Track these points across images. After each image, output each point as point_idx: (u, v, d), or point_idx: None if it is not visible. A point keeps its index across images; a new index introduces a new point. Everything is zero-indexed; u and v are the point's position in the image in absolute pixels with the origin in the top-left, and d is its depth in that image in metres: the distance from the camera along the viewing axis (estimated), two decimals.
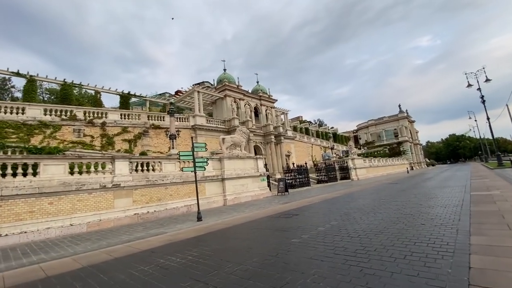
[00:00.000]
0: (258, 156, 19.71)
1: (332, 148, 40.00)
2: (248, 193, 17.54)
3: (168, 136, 21.07)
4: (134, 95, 28.85)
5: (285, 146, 36.46)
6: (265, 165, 21.25)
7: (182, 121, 26.38)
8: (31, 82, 21.06)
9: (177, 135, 19.55)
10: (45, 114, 17.71)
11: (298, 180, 24.02)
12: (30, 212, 9.04)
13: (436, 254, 4.02)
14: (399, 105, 74.07)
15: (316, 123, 77.59)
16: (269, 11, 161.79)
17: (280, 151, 34.63)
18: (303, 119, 75.42)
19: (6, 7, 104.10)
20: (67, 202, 10.02)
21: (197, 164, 10.93)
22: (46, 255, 6.42)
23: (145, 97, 30.32)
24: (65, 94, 22.80)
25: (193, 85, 28.52)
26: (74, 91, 27.90)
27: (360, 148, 65.11)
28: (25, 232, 8.73)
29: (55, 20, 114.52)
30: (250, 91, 36.13)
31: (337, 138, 65.51)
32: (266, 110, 36.38)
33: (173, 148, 19.10)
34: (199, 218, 10.18)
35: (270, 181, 21.39)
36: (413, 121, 79.75)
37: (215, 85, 34.21)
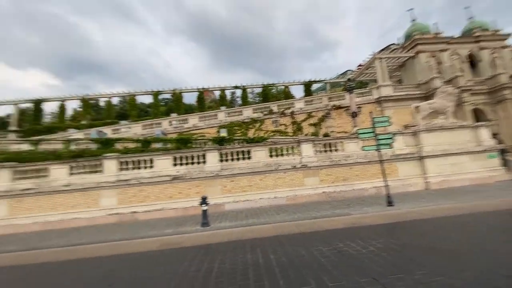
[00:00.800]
0: (479, 123, 13.87)
1: None
2: (464, 176, 12.94)
3: (349, 114, 20.33)
4: (315, 81, 30.62)
5: None
6: (496, 135, 14.56)
7: (364, 95, 24.32)
8: (244, 91, 28.56)
9: (358, 112, 18.33)
10: (253, 113, 23.38)
11: None
12: (249, 186, 12.32)
13: None
14: None
15: None
16: None
17: None
18: None
19: (225, 40, 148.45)
20: (270, 179, 12.56)
21: (380, 142, 9.53)
22: (257, 220, 8.42)
23: (325, 80, 31.21)
24: (265, 94, 28.73)
25: (373, 52, 25.31)
26: (272, 90, 34.51)
27: None
28: (248, 200, 12.03)
29: (255, 39, 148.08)
30: (458, 36, 26.17)
31: None
32: (491, 54, 24.73)
33: (355, 126, 18.18)
34: (390, 203, 8.88)
35: (507, 158, 14.42)
36: None
37: (403, 43, 28.14)
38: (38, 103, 27.43)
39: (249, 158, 13.08)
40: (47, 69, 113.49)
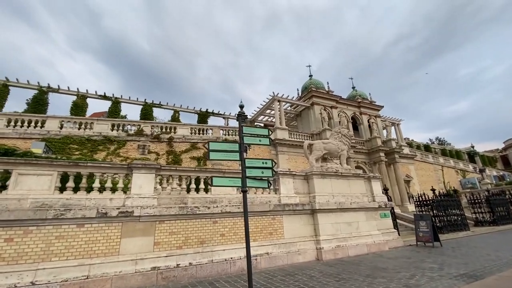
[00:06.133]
0: (371, 174, 11.87)
1: (482, 171, 26.00)
2: (360, 240, 9.81)
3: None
4: (212, 113, 26.60)
5: (402, 167, 25.87)
6: (386, 190, 12.91)
7: None
8: (116, 104, 21.25)
9: (248, 147, 14.48)
10: (112, 130, 16.22)
11: (445, 218, 14.02)
12: None
13: None
14: None
15: (433, 143, 58.77)
16: (355, 36, 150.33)
17: (395, 174, 24.42)
18: (412, 140, 58.62)
19: (148, 77, 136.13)
20: (39, 240, 5.71)
21: (250, 172, 4.83)
22: None
23: (224, 114, 27.71)
24: (145, 114, 22.18)
25: (273, 93, 23.87)
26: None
27: None
28: None
29: (175, 78, 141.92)
30: (345, 98, 28.56)
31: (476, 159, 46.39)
32: (368, 120, 27.54)
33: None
34: None
35: (397, 221, 12.69)
36: None
37: (301, 95, 28.61)
38: None
39: (1, 188, 6.02)
40: None
